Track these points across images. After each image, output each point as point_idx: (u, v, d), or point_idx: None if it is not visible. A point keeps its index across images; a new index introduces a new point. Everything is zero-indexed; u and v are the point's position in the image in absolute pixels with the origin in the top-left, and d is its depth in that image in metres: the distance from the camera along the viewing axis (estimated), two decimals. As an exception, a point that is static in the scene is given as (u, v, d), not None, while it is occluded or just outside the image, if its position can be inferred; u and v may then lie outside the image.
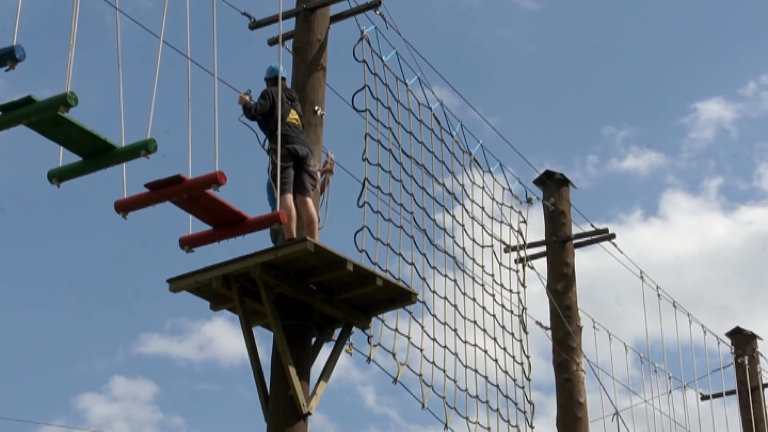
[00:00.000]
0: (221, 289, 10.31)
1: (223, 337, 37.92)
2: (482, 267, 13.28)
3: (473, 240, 13.21)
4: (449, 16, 38.75)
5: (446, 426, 11.66)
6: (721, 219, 41.95)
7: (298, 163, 10.70)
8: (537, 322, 15.16)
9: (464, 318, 12.48)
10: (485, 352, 12.84)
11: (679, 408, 17.76)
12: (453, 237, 12.62)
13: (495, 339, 13.15)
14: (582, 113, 41.31)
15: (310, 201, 10.65)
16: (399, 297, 10.86)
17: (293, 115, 10.91)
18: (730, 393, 19.79)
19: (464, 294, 12.61)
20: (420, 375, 11.44)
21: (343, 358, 10.73)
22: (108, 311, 36.67)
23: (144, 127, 8.16)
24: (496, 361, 13.04)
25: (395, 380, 11.15)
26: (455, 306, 12.34)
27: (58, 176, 8.15)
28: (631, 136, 41.97)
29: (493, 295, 13.37)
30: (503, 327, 13.43)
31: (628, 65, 42.08)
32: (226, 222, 9.22)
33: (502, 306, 13.58)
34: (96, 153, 7.97)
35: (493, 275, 13.56)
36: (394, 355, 11.18)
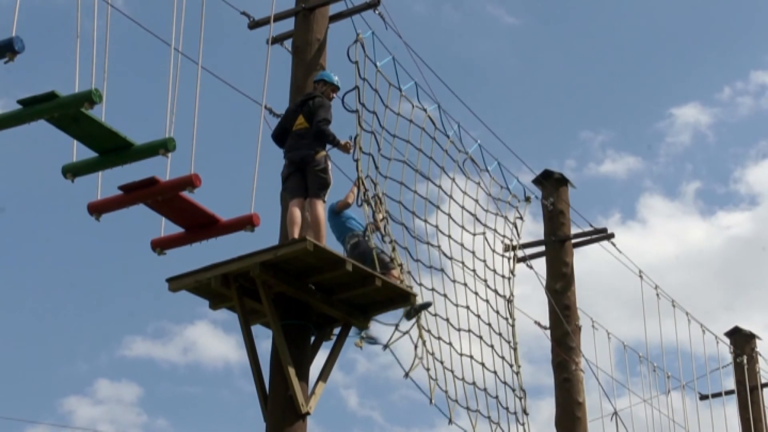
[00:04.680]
0: (220, 288, 10.29)
1: (206, 340, 38.09)
2: (473, 252, 13.20)
3: (462, 227, 13.10)
4: (432, 29, 38.98)
5: (451, 421, 11.65)
6: (699, 223, 42.11)
7: (302, 167, 10.74)
8: (536, 322, 15.16)
9: (456, 305, 12.40)
10: (480, 338, 12.73)
11: (678, 408, 17.77)
12: (437, 226, 12.51)
13: (490, 324, 13.02)
14: (559, 118, 41.57)
15: (316, 202, 10.63)
16: (398, 297, 10.86)
17: (299, 121, 10.92)
18: (729, 393, 19.79)
19: (454, 281, 12.52)
20: (428, 369, 11.42)
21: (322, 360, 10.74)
22: (90, 314, 36.82)
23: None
24: (492, 347, 12.93)
25: (407, 374, 11.14)
26: (445, 295, 12.28)
27: (72, 171, 8.14)
28: (608, 140, 42.19)
29: (485, 280, 13.26)
30: (497, 312, 13.28)
31: (604, 70, 42.40)
32: (199, 224, 9.17)
33: (495, 292, 13.46)
34: (113, 150, 7.98)
35: (485, 261, 13.46)
36: (416, 347, 11.16)
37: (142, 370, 36.38)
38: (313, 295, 10.48)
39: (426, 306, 11.37)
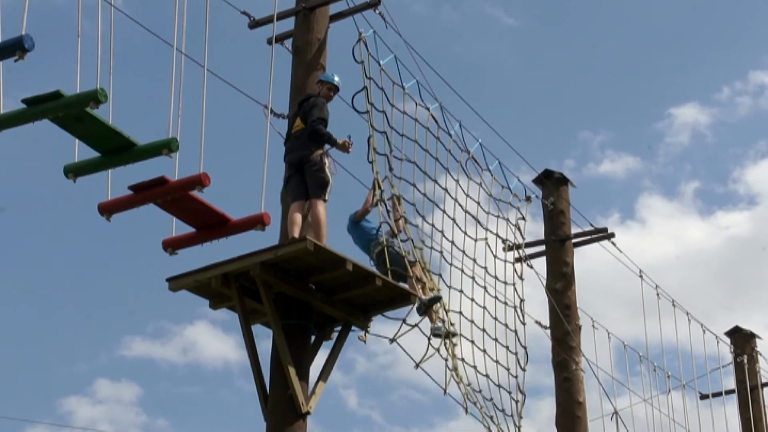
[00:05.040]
0: (221, 288, 10.29)
1: (205, 340, 38.12)
2: (473, 259, 13.16)
3: (465, 233, 13.05)
4: (432, 30, 38.99)
5: (467, 411, 11.66)
6: (698, 223, 42.14)
7: (300, 168, 10.77)
8: (536, 322, 15.14)
9: (447, 310, 12.32)
10: (472, 342, 12.62)
11: (679, 407, 17.77)
12: (442, 231, 12.46)
13: (484, 330, 12.92)
14: (558, 118, 41.59)
15: (317, 203, 10.62)
16: (398, 297, 10.86)
17: (296, 124, 10.98)
18: (729, 392, 19.78)
19: (450, 287, 12.45)
20: (446, 360, 11.43)
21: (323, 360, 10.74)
22: (89, 315, 36.84)
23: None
24: (484, 351, 12.80)
25: (417, 365, 11.15)
26: (440, 298, 12.20)
27: (74, 171, 8.13)
28: (607, 140, 42.25)
29: (485, 287, 13.22)
30: (495, 318, 13.21)
31: (603, 70, 42.44)
32: (210, 224, 9.18)
33: (495, 298, 13.42)
34: (116, 150, 7.97)
35: (486, 267, 13.41)
36: (433, 336, 11.20)
37: (141, 370, 36.44)
38: (314, 295, 10.47)
39: (436, 300, 11.37)
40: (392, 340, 11.01)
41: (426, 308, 11.25)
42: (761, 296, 36.17)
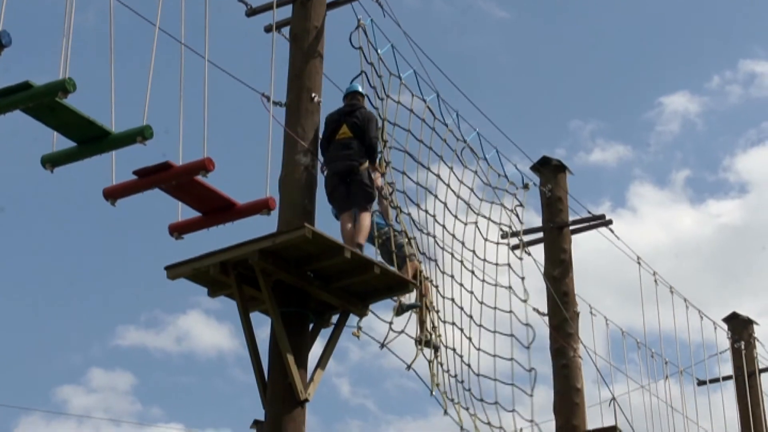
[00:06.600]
0: (219, 276, 10.30)
1: (199, 329, 38.21)
2: (462, 242, 13.12)
3: (463, 219, 13.03)
4: (424, 23, 39.03)
5: (445, 412, 11.60)
6: (689, 211, 42.22)
7: (345, 178, 11.01)
8: (534, 309, 15.14)
9: (435, 326, 12.24)
10: (461, 330, 12.43)
11: (676, 394, 17.79)
12: (438, 219, 12.41)
13: (471, 316, 12.76)
14: (549, 108, 41.66)
15: (364, 215, 10.89)
16: (396, 285, 10.88)
17: (342, 131, 11.19)
18: (726, 378, 19.81)
19: (444, 272, 12.39)
20: (430, 361, 11.41)
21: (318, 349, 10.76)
22: (82, 304, 36.92)
23: (134, 116, 8.19)
24: (469, 339, 12.73)
25: (409, 367, 11.14)
26: (419, 306, 12.11)
27: (51, 161, 8.15)
28: (598, 129, 42.29)
29: (472, 271, 13.16)
30: (480, 302, 13.17)
31: (594, 60, 42.49)
32: (216, 208, 9.25)
33: (487, 283, 13.35)
34: (91, 139, 7.98)
35: (484, 257, 13.37)
36: (416, 341, 11.18)
37: (135, 360, 36.56)
38: (312, 283, 10.49)
39: (414, 306, 11.37)
40: (382, 346, 11.01)
41: (403, 312, 11.26)
42: (753, 284, 36.25)
